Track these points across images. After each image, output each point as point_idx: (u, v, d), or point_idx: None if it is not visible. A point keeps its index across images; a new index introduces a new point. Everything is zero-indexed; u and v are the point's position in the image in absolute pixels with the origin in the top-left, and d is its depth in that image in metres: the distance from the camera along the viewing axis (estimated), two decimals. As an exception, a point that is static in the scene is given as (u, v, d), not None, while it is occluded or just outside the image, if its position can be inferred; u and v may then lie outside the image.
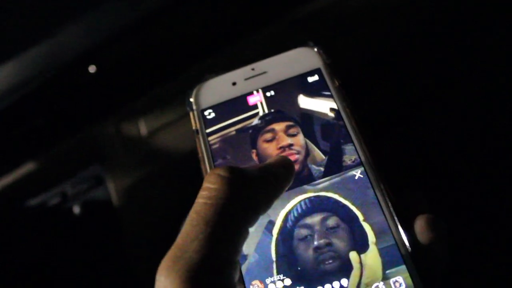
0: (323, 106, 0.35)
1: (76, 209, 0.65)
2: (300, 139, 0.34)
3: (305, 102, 0.35)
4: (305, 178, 0.33)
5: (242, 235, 0.25)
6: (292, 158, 0.33)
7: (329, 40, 0.62)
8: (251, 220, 0.26)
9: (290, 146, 0.34)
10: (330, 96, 0.35)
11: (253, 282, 0.30)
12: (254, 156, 0.34)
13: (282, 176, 0.28)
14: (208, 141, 0.35)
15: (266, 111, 0.36)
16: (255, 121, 0.35)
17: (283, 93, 0.36)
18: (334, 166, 0.33)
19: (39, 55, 0.66)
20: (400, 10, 0.62)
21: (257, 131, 0.35)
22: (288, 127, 0.35)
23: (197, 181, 0.33)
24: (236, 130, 0.35)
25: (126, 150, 0.64)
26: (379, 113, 0.62)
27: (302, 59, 0.37)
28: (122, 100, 0.66)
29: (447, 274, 0.28)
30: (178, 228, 0.56)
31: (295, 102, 0.36)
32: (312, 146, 0.34)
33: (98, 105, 0.69)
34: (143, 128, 0.63)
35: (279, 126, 0.35)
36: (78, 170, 0.66)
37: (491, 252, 0.55)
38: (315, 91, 0.36)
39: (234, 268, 0.24)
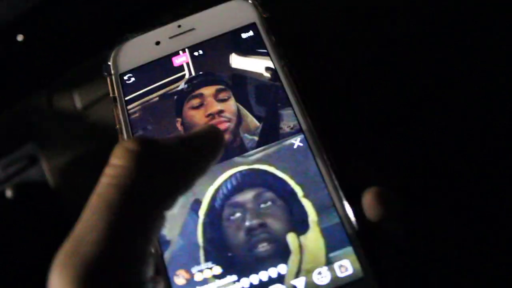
0: (259, 66, 0.31)
1: (9, 192, 0.60)
2: (231, 104, 0.30)
3: (238, 62, 0.31)
4: (237, 149, 0.29)
5: (155, 221, 0.21)
6: (222, 126, 0.29)
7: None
8: (167, 203, 0.22)
9: (219, 112, 0.30)
10: (266, 54, 0.31)
11: (178, 272, 0.26)
12: (179, 125, 0.30)
13: (206, 149, 0.24)
14: (127, 110, 0.31)
15: (193, 73, 0.31)
16: (181, 85, 0.31)
17: (213, 52, 0.32)
18: (270, 134, 0.29)
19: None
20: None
21: (182, 96, 0.31)
22: (218, 91, 0.31)
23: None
24: (159, 96, 0.31)
25: (60, 126, 0.59)
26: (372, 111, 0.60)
27: (235, 14, 0.33)
28: (54, 72, 0.61)
29: (402, 256, 0.25)
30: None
31: (227, 62, 0.31)
32: (245, 112, 0.30)
33: (29, 78, 0.63)
34: (77, 102, 0.59)
35: (207, 91, 0.31)
36: (9, 149, 0.61)
37: (491, 252, 0.54)
38: (249, 49, 0.32)
39: (143, 261, 0.20)
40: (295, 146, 0.28)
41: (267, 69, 0.31)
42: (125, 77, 0.32)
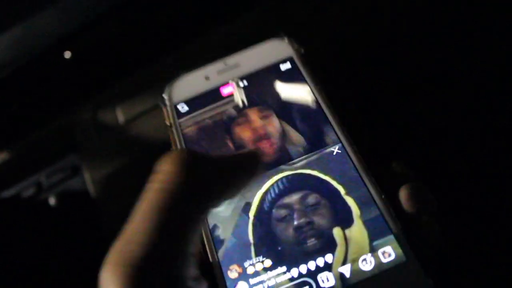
0: (298, 91, 0.35)
1: (52, 200, 0.63)
2: (274, 121, 0.34)
3: (279, 88, 0.35)
4: (282, 159, 0.32)
5: (196, 224, 0.23)
6: (267, 142, 0.32)
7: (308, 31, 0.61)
8: (208, 209, 0.24)
9: (264, 128, 0.33)
10: (304, 81, 0.35)
11: (231, 267, 0.28)
12: (229, 143, 0.34)
13: (246, 166, 0.27)
14: (183, 134, 0.34)
15: (240, 99, 0.35)
16: (229, 109, 0.35)
17: (257, 82, 0.36)
18: (312, 145, 0.32)
19: (14, 40, 0.64)
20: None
21: (230, 118, 0.35)
22: (261, 110, 0.34)
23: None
24: (210, 120, 0.35)
25: (102, 139, 0.62)
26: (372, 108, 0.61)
27: (274, 50, 0.37)
28: (99, 87, 0.64)
29: (438, 244, 0.27)
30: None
31: (269, 89, 0.35)
32: (288, 128, 0.33)
33: (74, 93, 0.67)
34: (120, 116, 0.61)
35: (252, 111, 0.35)
36: (53, 159, 0.64)
37: (491, 252, 0.54)
38: (288, 78, 0.36)
39: (187, 260, 0.22)
40: (334, 153, 0.31)
41: (305, 92, 0.35)
42: (179, 106, 0.36)
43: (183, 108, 0.36)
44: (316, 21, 0.61)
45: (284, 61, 0.36)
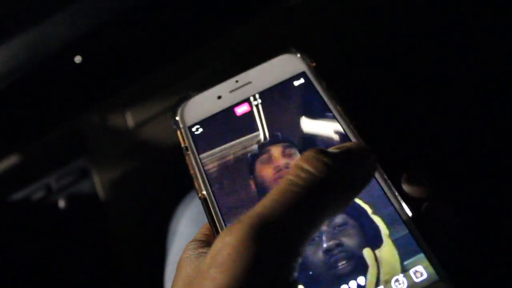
0: (313, 107, 0.34)
1: (61, 203, 0.63)
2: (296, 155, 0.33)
3: (294, 105, 0.34)
4: None
5: (316, 228, 0.23)
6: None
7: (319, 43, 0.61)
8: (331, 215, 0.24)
9: (286, 162, 0.32)
10: (319, 97, 0.34)
11: None
12: (251, 180, 0.32)
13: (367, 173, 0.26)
14: (199, 157, 0.33)
15: (255, 118, 0.34)
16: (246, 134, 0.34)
17: (270, 100, 0.35)
18: None
19: (24, 44, 0.65)
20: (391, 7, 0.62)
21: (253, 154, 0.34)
22: (284, 148, 0.33)
23: (184, 174, 0.32)
24: (226, 142, 0.34)
25: (112, 142, 0.63)
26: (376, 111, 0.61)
27: (285, 66, 0.36)
28: (108, 92, 0.65)
29: (462, 260, 0.27)
30: (163, 220, 0.55)
31: (283, 108, 0.34)
32: None
33: (84, 96, 0.67)
34: (129, 120, 0.62)
35: (274, 148, 0.33)
36: (63, 162, 0.65)
37: (491, 252, 0.54)
38: (302, 94, 0.35)
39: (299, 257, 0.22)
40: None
41: (322, 108, 0.33)
42: (193, 129, 0.35)
43: (197, 130, 0.35)
44: (318, 24, 0.62)
45: (297, 77, 0.35)
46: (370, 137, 0.31)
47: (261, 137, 0.34)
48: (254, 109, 0.35)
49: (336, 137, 0.32)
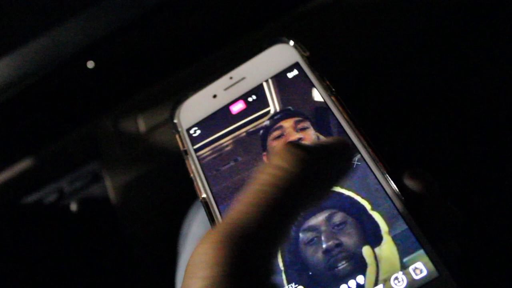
0: (308, 99, 0.33)
1: (73, 206, 0.64)
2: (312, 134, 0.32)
3: (289, 98, 0.34)
4: None
5: (293, 223, 0.22)
6: None
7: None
8: (307, 207, 0.23)
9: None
10: (314, 88, 0.33)
11: None
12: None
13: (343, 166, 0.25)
14: (199, 159, 0.33)
15: (250, 117, 0.34)
16: (236, 130, 0.34)
17: (265, 95, 0.34)
18: None
19: (37, 50, 0.66)
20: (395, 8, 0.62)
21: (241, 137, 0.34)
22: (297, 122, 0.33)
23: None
24: (225, 143, 0.33)
25: (124, 147, 0.63)
26: (377, 112, 0.61)
27: (278, 57, 0.35)
28: (121, 96, 0.66)
29: (463, 257, 0.27)
30: (175, 224, 0.56)
31: (278, 102, 0.34)
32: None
33: (96, 101, 0.68)
34: (141, 125, 0.63)
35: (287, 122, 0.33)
36: (75, 166, 0.66)
37: (492, 252, 0.54)
38: (297, 86, 0.34)
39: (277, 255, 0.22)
40: (354, 166, 0.29)
41: (317, 100, 0.33)
42: (191, 131, 0.35)
43: (195, 132, 0.34)
44: (321, 29, 0.62)
45: (290, 68, 0.34)
46: (368, 131, 0.30)
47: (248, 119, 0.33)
48: (250, 106, 0.34)
49: (328, 122, 0.31)
